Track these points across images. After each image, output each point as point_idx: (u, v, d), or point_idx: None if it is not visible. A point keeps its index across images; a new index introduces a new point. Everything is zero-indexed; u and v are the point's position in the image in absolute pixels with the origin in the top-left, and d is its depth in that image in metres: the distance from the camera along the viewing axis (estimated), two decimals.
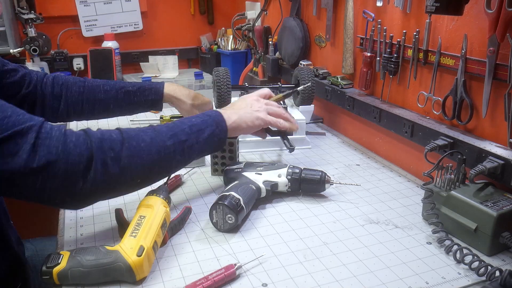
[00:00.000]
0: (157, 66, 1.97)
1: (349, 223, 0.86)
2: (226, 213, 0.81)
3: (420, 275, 0.71)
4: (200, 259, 0.75)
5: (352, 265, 0.73)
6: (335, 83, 1.31)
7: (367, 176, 1.06)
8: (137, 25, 2.00)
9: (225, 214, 0.81)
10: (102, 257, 0.67)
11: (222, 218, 0.82)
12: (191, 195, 0.97)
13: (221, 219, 0.82)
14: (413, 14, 1.03)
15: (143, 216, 0.74)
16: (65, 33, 1.93)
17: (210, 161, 1.05)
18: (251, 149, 1.21)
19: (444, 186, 0.83)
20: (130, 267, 0.67)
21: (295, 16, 1.53)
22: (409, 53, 1.03)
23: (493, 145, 0.86)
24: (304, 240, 0.80)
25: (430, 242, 0.80)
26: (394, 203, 0.93)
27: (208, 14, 2.16)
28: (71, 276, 0.67)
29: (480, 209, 0.75)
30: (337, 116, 1.40)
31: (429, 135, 0.97)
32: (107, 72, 1.79)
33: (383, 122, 1.12)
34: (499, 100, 0.84)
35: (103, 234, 0.82)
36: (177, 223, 0.82)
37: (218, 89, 1.21)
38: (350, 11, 1.22)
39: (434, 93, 0.99)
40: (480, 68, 0.86)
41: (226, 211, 0.81)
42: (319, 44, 1.46)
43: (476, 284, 0.69)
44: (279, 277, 0.70)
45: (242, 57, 2.00)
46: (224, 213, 0.81)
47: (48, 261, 0.67)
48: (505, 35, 0.79)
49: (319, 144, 1.26)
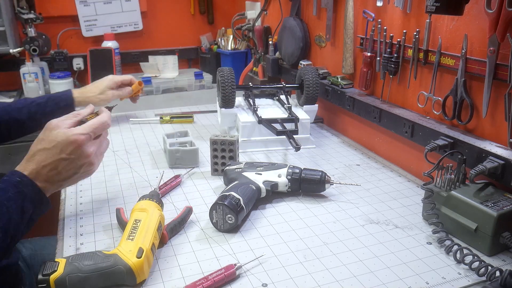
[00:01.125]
0: (157, 66, 1.97)
1: (349, 223, 0.86)
2: (226, 213, 0.81)
3: (420, 275, 0.71)
4: (200, 259, 0.75)
5: (352, 265, 0.73)
6: (335, 83, 1.31)
7: (367, 176, 1.06)
8: (137, 25, 2.01)
9: (225, 214, 0.81)
10: (100, 261, 0.67)
11: (222, 218, 0.82)
12: (191, 195, 0.97)
13: (221, 219, 0.82)
14: (413, 14, 1.03)
15: (139, 219, 0.74)
16: (65, 33, 1.93)
17: (210, 161, 1.05)
18: (256, 148, 1.21)
19: (444, 186, 0.83)
20: (130, 269, 0.66)
21: (295, 16, 1.53)
22: (409, 53, 1.03)
23: (493, 145, 0.86)
24: (304, 240, 0.80)
25: (430, 242, 0.80)
26: (394, 203, 0.93)
27: (208, 14, 2.16)
28: (69, 282, 0.65)
29: (480, 209, 0.75)
30: (337, 116, 1.40)
31: (429, 135, 0.97)
32: (107, 72, 1.76)
33: (383, 122, 1.12)
34: (499, 100, 0.84)
35: (103, 234, 0.82)
36: (177, 223, 0.82)
37: (223, 89, 1.21)
38: (350, 11, 1.22)
39: (434, 93, 0.99)
40: (480, 68, 0.86)
41: (226, 211, 0.81)
42: (319, 44, 1.46)
43: (476, 284, 0.69)
44: (279, 277, 0.70)
45: (242, 57, 2.00)
46: (224, 213, 0.81)
47: (44, 269, 0.66)
48: (505, 35, 0.79)
49: (319, 144, 1.26)
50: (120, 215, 0.83)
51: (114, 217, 0.85)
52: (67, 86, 1.78)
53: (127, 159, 1.15)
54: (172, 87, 1.91)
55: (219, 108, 1.29)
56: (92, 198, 0.95)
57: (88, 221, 0.86)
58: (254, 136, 1.21)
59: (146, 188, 0.99)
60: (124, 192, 0.98)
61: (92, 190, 0.98)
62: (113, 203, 0.92)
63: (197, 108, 1.61)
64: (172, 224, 0.81)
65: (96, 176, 1.03)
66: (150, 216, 0.75)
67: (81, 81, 1.94)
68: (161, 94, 1.87)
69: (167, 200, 0.94)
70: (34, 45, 1.73)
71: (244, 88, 1.36)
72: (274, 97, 1.40)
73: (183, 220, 0.83)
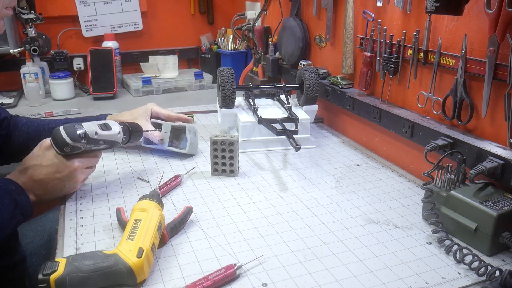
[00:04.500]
0: (157, 66, 1.97)
1: (349, 223, 0.86)
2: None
3: (420, 275, 0.71)
4: (200, 259, 0.75)
5: (352, 265, 0.73)
6: (335, 83, 1.31)
7: (367, 176, 1.06)
8: (137, 25, 2.00)
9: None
10: (101, 261, 0.67)
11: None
12: (191, 195, 0.97)
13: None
14: (413, 14, 1.03)
15: (139, 219, 0.74)
16: (65, 33, 1.93)
17: (210, 161, 1.05)
18: (256, 148, 1.21)
19: (444, 186, 0.83)
20: (131, 269, 0.66)
21: (295, 16, 1.53)
22: (409, 53, 1.03)
23: (493, 145, 0.86)
24: (304, 240, 0.80)
25: (430, 242, 0.80)
26: (394, 203, 0.94)
27: (208, 14, 2.16)
28: (69, 282, 0.65)
29: (480, 209, 0.75)
30: (337, 116, 1.40)
31: (429, 135, 0.97)
32: (107, 72, 1.79)
33: (383, 122, 1.12)
34: (499, 100, 0.84)
35: (103, 234, 0.82)
36: (177, 223, 0.82)
37: (223, 89, 1.21)
38: (350, 11, 1.22)
39: (434, 93, 0.99)
40: (480, 68, 0.86)
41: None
42: (319, 44, 1.46)
43: (476, 284, 0.69)
44: (279, 277, 0.70)
45: (242, 57, 2.00)
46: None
47: (44, 269, 0.65)
48: (505, 35, 0.79)
49: (319, 144, 1.26)
50: (120, 215, 0.83)
51: (114, 217, 0.86)
52: (67, 86, 1.78)
53: (127, 159, 1.15)
54: (172, 87, 1.91)
55: (219, 108, 1.29)
56: (92, 198, 0.95)
57: (88, 221, 0.86)
58: (254, 136, 1.21)
59: (146, 188, 0.99)
60: (124, 192, 0.98)
61: (92, 190, 0.98)
62: (113, 203, 0.92)
63: (197, 108, 1.61)
64: (172, 224, 0.81)
65: (97, 176, 1.03)
66: (150, 216, 0.76)
67: (81, 81, 1.94)
68: (161, 94, 1.87)
69: (167, 200, 0.94)
70: (34, 45, 1.73)
71: (244, 88, 1.36)
72: (274, 97, 1.40)
73: (183, 220, 0.83)
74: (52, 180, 0.87)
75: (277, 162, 1.14)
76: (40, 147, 0.89)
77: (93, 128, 0.89)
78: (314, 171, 1.09)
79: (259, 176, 1.06)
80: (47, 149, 0.88)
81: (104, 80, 1.78)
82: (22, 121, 1.11)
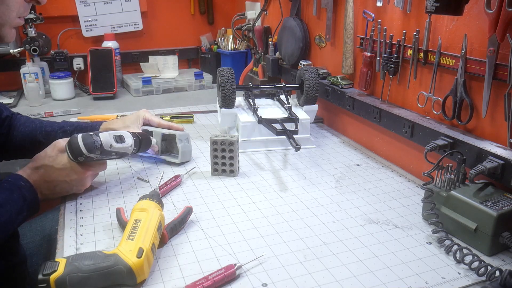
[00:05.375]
0: (157, 66, 1.97)
1: (349, 223, 0.86)
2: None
3: (420, 275, 0.71)
4: (200, 259, 0.75)
5: (352, 265, 0.73)
6: (335, 83, 1.31)
7: (367, 176, 1.06)
8: (137, 25, 2.01)
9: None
10: (101, 261, 0.67)
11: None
12: (191, 195, 0.97)
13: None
14: (413, 14, 1.03)
15: (139, 219, 0.74)
16: (65, 33, 1.93)
17: (210, 161, 1.05)
18: (256, 148, 1.21)
19: (444, 186, 0.83)
20: (130, 269, 0.66)
21: (295, 16, 1.53)
22: (409, 53, 1.03)
23: (493, 145, 0.86)
24: (304, 240, 0.80)
25: (430, 242, 0.80)
26: (394, 203, 0.94)
27: (208, 14, 2.16)
28: (69, 282, 0.65)
29: (480, 209, 0.75)
30: (337, 116, 1.40)
31: (429, 135, 0.97)
32: (107, 72, 1.79)
33: (383, 122, 1.12)
34: (499, 100, 0.84)
35: (103, 234, 0.82)
36: (177, 223, 0.82)
37: (223, 89, 1.21)
38: (350, 11, 1.22)
39: (434, 93, 0.99)
40: (480, 68, 0.86)
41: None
42: (319, 44, 1.46)
43: (476, 284, 0.69)
44: (279, 277, 0.70)
45: (242, 57, 2.00)
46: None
47: (44, 269, 0.65)
48: (505, 35, 0.79)
49: (319, 144, 1.26)
50: (120, 215, 0.83)
51: (114, 217, 0.86)
52: (67, 86, 1.78)
53: (127, 158, 1.15)
54: (172, 87, 1.91)
55: (219, 108, 1.29)
56: (92, 198, 0.95)
57: (88, 221, 0.86)
58: (254, 136, 1.21)
59: (146, 188, 0.99)
60: (124, 192, 0.98)
61: (92, 190, 0.98)
62: (113, 203, 0.93)
63: (197, 108, 1.61)
64: (172, 224, 0.81)
65: (97, 176, 1.03)
66: (150, 216, 0.76)
67: (81, 81, 1.94)
68: (161, 94, 1.88)
69: (167, 200, 0.94)
70: (34, 45, 1.73)
71: (244, 88, 1.36)
72: (274, 97, 1.40)
73: (183, 220, 0.83)
74: (62, 182, 0.89)
75: (277, 162, 1.14)
76: (54, 148, 0.90)
77: (109, 140, 0.90)
78: (314, 171, 1.09)
79: (259, 176, 1.06)
80: (61, 151, 0.89)
81: (104, 80, 1.78)
82: (21, 121, 1.11)
